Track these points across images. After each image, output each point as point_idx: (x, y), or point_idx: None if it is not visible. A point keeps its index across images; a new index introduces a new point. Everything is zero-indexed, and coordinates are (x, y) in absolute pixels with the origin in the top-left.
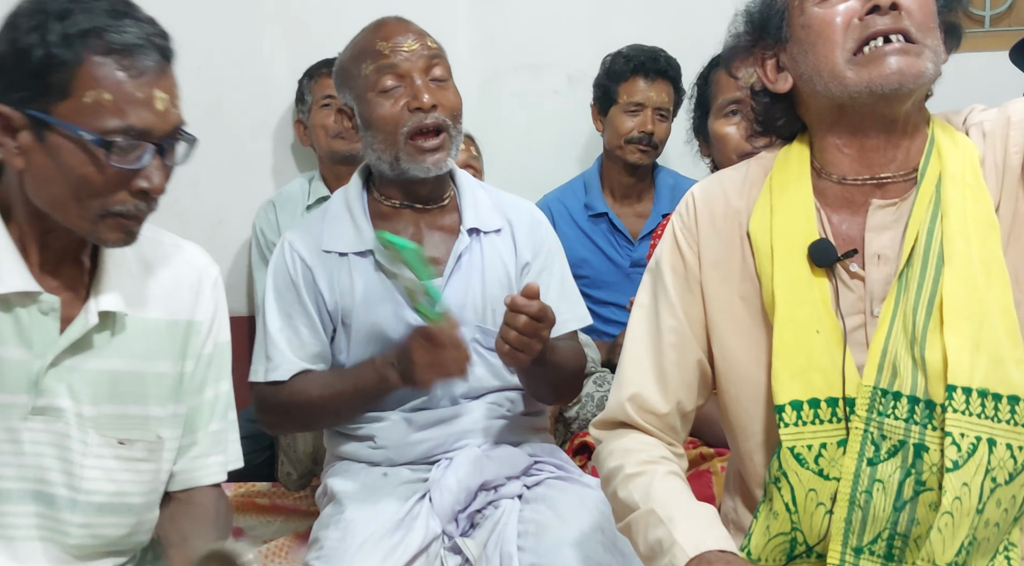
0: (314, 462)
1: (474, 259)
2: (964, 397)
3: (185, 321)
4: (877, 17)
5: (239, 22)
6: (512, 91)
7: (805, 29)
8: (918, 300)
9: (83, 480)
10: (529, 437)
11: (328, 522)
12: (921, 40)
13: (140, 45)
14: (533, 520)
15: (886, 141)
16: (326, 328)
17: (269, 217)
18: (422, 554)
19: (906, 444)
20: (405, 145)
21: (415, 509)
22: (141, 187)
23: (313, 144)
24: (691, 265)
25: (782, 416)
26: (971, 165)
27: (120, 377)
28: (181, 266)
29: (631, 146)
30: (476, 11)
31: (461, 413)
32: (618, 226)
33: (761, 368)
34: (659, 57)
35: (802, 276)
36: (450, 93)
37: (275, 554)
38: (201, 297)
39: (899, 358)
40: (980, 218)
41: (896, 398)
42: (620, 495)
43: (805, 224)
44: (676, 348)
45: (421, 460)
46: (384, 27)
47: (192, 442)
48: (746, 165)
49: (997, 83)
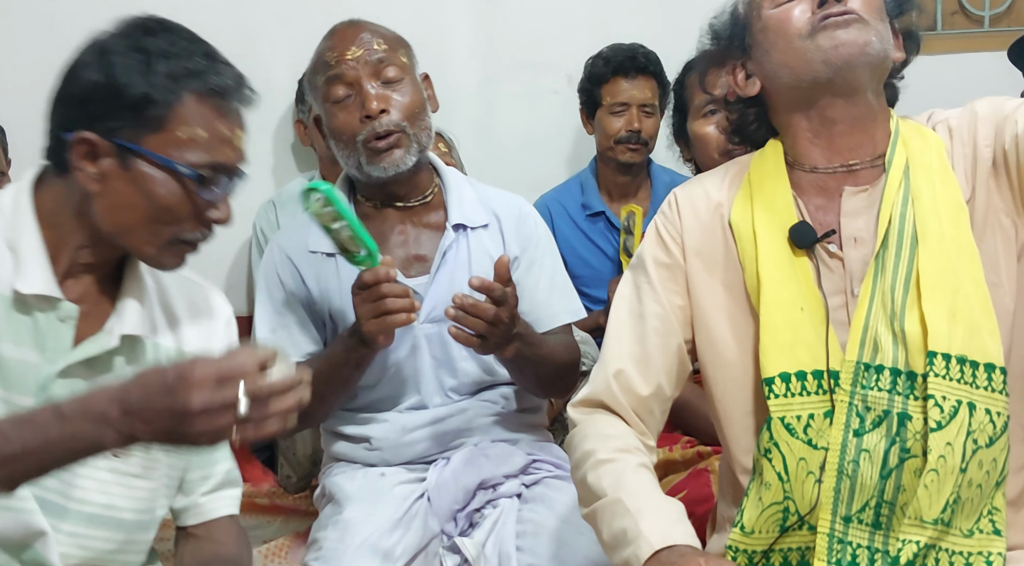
0: (313, 464)
1: (460, 255)
2: (944, 363)
3: (197, 351)
4: (828, 7)
5: (239, 22)
6: (511, 91)
7: (763, 31)
8: (895, 278)
9: (74, 489)
10: (526, 434)
11: (326, 523)
12: (869, 20)
13: (233, 88)
14: (532, 520)
15: (851, 126)
16: (317, 326)
17: (269, 217)
18: (420, 554)
19: (890, 414)
20: (364, 151)
21: (413, 509)
22: (213, 218)
23: (313, 144)
24: (675, 255)
25: (772, 388)
26: (937, 154)
27: None
28: (197, 299)
29: (621, 146)
30: (476, 11)
31: (455, 412)
32: (616, 224)
33: (746, 353)
34: (637, 54)
35: (785, 257)
36: (404, 92)
37: (275, 554)
38: (214, 332)
39: (880, 333)
40: (949, 201)
41: (879, 371)
42: (589, 480)
43: (784, 211)
44: (659, 333)
45: (417, 460)
46: (333, 36)
47: (205, 476)
48: (724, 168)
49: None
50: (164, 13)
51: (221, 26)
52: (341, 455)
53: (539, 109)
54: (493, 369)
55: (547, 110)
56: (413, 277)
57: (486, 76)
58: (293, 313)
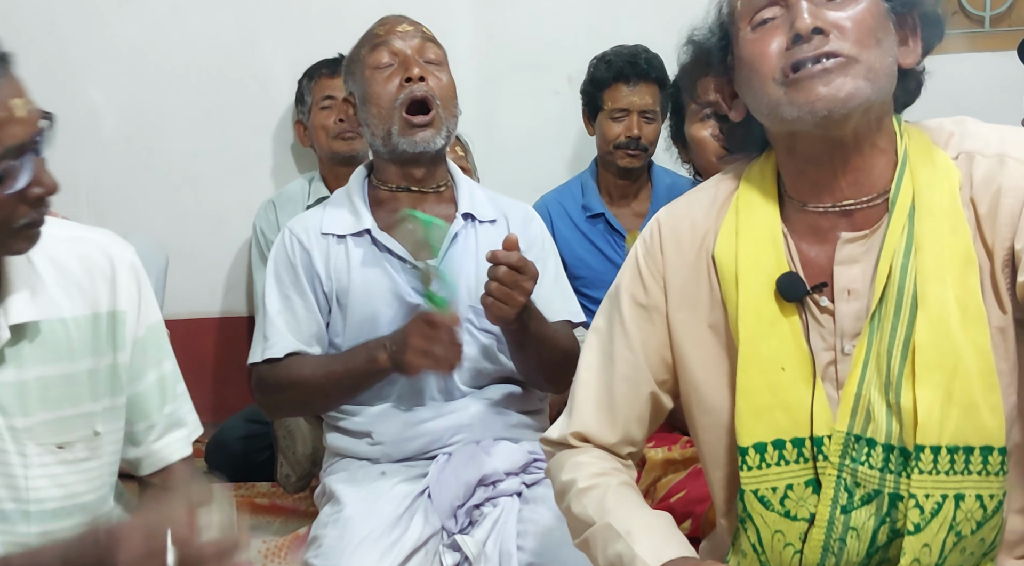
0: (313, 464)
1: (468, 243)
2: (932, 456)
3: (107, 313)
4: (803, 44)
5: (239, 22)
6: (512, 92)
7: (741, 61)
8: (892, 342)
9: (29, 491)
10: (527, 436)
11: (327, 521)
12: (857, 57)
13: None
14: (532, 520)
15: (843, 166)
16: (323, 310)
17: (269, 217)
18: (420, 550)
19: (881, 494)
20: (399, 119)
21: (413, 506)
22: (37, 195)
23: (313, 145)
24: (654, 295)
25: (744, 459)
26: (949, 192)
27: (48, 382)
28: (92, 257)
29: (620, 151)
30: (476, 12)
31: (458, 408)
32: (615, 226)
33: (729, 399)
34: (639, 60)
35: (768, 310)
36: (442, 75)
37: (275, 554)
38: (119, 284)
39: (873, 402)
40: (957, 252)
41: (870, 445)
42: (574, 510)
43: (772, 253)
44: (628, 380)
45: (418, 456)
46: (384, 19)
47: (149, 426)
48: (714, 186)
49: (997, 83)
50: (164, 15)
51: (221, 26)
52: (342, 450)
53: (540, 110)
54: (495, 357)
55: (548, 111)
56: (420, 261)
57: (487, 77)
58: (299, 297)
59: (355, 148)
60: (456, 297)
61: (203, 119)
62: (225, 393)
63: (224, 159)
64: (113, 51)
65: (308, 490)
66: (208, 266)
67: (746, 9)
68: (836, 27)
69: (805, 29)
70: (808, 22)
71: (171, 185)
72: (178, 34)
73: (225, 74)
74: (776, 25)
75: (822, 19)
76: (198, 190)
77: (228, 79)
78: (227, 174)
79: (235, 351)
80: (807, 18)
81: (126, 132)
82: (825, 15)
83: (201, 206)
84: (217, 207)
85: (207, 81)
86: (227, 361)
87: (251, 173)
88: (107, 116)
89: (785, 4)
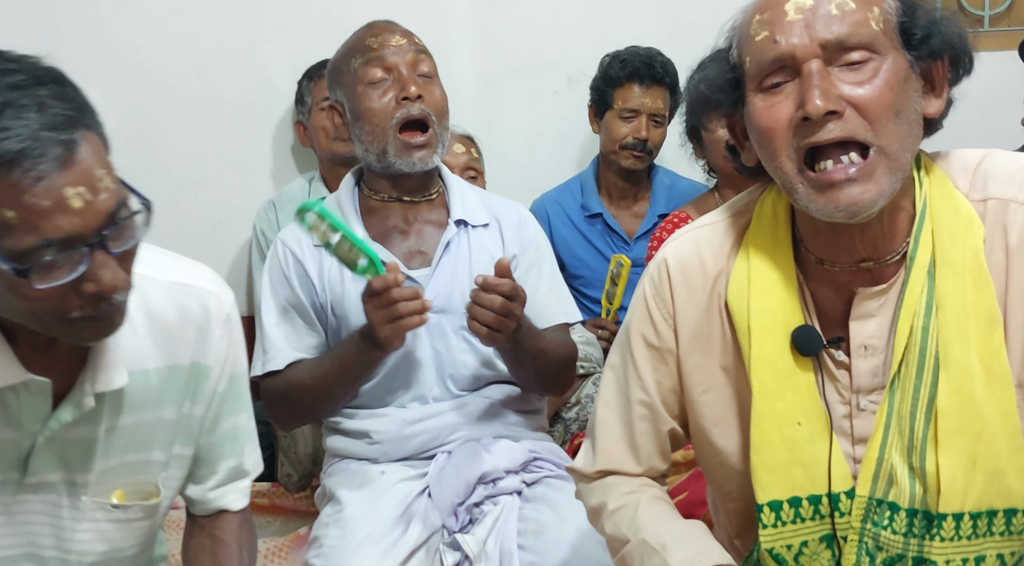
0: (314, 463)
1: (461, 249)
2: (955, 523)
3: (188, 365)
4: (816, 127)
5: (239, 22)
6: (512, 92)
7: (750, 123)
8: (915, 405)
9: (74, 543)
10: (526, 435)
11: (328, 521)
12: (875, 142)
13: (28, 148)
14: (533, 519)
15: (861, 233)
16: (321, 320)
17: (269, 217)
18: (421, 549)
19: (904, 557)
20: (394, 138)
21: (414, 505)
22: (90, 292)
23: (313, 145)
24: (665, 338)
25: (760, 517)
26: (973, 248)
27: (117, 432)
28: (188, 306)
29: (625, 152)
30: (476, 12)
31: (455, 406)
32: (614, 227)
33: (740, 440)
34: (655, 62)
35: (783, 363)
36: (435, 90)
37: (275, 554)
38: (210, 338)
39: (896, 466)
40: (981, 312)
41: (893, 510)
42: (608, 531)
43: (787, 302)
44: (646, 420)
45: (417, 455)
46: (373, 26)
47: (211, 472)
48: (723, 219)
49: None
50: (164, 15)
51: (221, 26)
52: (341, 451)
53: (540, 110)
54: (492, 363)
55: (548, 111)
56: (415, 269)
57: (487, 77)
58: (296, 309)
59: (355, 149)
60: (375, 256)
61: (203, 120)
62: None
63: (224, 160)
64: (113, 51)
65: (309, 490)
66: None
67: (754, 71)
68: (852, 104)
69: (816, 114)
70: (820, 106)
71: (171, 186)
72: (178, 34)
73: (225, 75)
74: (787, 92)
75: (834, 98)
76: (199, 191)
77: (228, 80)
78: (227, 174)
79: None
80: (818, 101)
81: (126, 132)
82: (839, 89)
83: (201, 206)
84: (217, 207)
85: (207, 82)
86: None
87: (251, 173)
88: (107, 116)
89: (795, 70)
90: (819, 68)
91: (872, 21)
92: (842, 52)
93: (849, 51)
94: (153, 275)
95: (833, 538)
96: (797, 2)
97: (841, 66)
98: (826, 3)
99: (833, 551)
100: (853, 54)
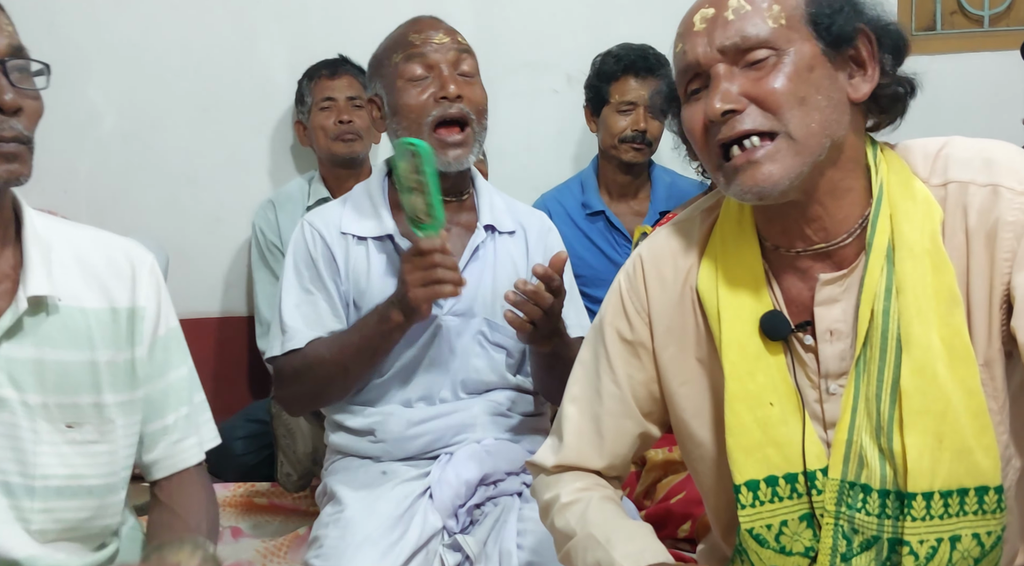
0: (313, 463)
1: (487, 255)
2: (925, 502)
3: (127, 308)
4: (720, 126)
5: (239, 22)
6: (511, 91)
7: (683, 127)
8: (880, 387)
9: (37, 467)
10: (528, 436)
11: (328, 521)
12: (780, 130)
13: None
14: (532, 519)
15: (803, 217)
16: (342, 304)
17: (268, 217)
18: (421, 550)
19: (880, 539)
20: (429, 136)
21: (414, 506)
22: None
23: (313, 145)
24: (639, 332)
25: (738, 497)
26: (931, 231)
27: (66, 368)
28: (115, 256)
29: (625, 145)
30: (476, 11)
31: (460, 408)
32: (615, 224)
33: (718, 432)
34: (648, 55)
35: (753, 346)
36: (476, 89)
37: (275, 554)
38: (139, 283)
39: (865, 448)
40: (941, 293)
41: (866, 491)
42: (558, 525)
43: (755, 290)
44: (614, 415)
45: (420, 455)
46: (418, 22)
47: (164, 428)
48: (696, 216)
49: (997, 83)
50: (162, 13)
51: (221, 26)
52: (344, 448)
53: (539, 109)
54: (503, 371)
55: (547, 110)
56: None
57: (486, 76)
58: (320, 289)
59: (355, 150)
60: (442, 219)
61: (202, 118)
62: (225, 393)
63: (223, 158)
64: (112, 50)
65: (308, 489)
66: (207, 266)
67: (678, 80)
68: (753, 99)
69: (713, 115)
70: (716, 108)
71: (170, 185)
72: (177, 34)
73: (224, 74)
74: (702, 98)
75: (732, 98)
76: (197, 190)
77: (227, 79)
78: (226, 174)
79: (234, 351)
80: (717, 103)
81: (125, 131)
82: (739, 87)
83: (200, 206)
84: (216, 207)
85: (206, 81)
86: (226, 361)
87: (250, 173)
88: (106, 115)
89: (707, 76)
90: (724, 71)
91: (769, 19)
92: (742, 53)
93: (748, 51)
94: (78, 232)
95: (812, 517)
96: (702, 13)
97: (745, 66)
98: (724, 9)
99: (814, 530)
100: (755, 53)
